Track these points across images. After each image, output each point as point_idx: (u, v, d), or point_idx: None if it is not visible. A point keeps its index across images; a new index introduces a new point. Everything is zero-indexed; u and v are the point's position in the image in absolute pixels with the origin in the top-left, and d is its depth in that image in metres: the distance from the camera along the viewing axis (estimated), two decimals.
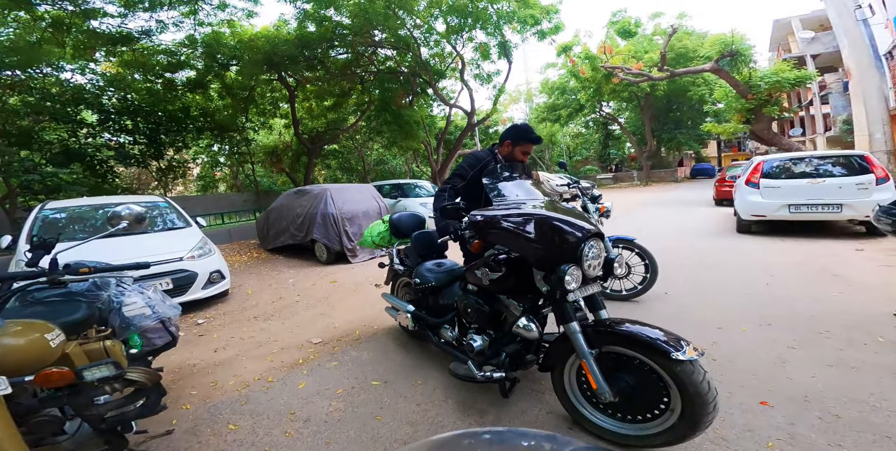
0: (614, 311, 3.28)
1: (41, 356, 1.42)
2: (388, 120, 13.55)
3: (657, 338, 1.54)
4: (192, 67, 10.40)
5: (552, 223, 1.72)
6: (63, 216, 4.93)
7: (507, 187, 2.19)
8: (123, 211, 1.89)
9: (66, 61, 8.67)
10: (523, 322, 1.81)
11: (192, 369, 2.87)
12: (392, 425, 1.99)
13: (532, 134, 2.56)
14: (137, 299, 2.32)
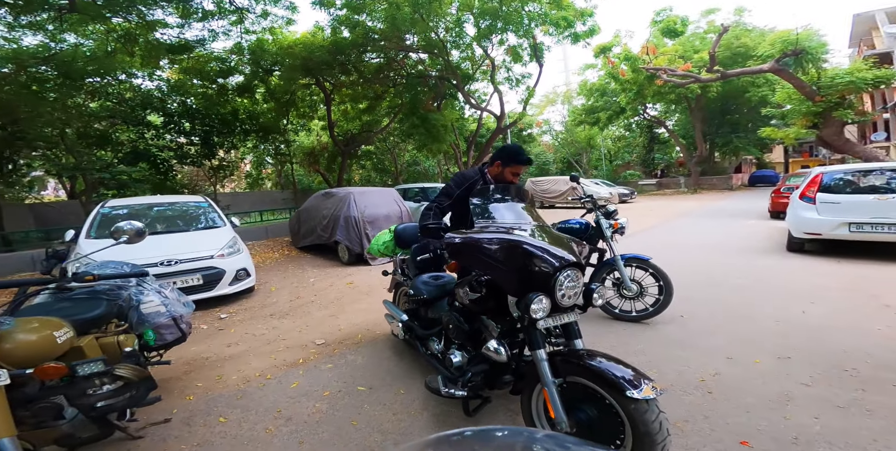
0: (620, 332, 3.22)
1: (46, 351, 1.61)
2: (417, 123, 13.82)
3: (617, 374, 1.51)
4: (241, 73, 11.29)
5: (527, 251, 1.71)
6: (119, 213, 5.48)
7: (497, 209, 2.18)
8: (125, 226, 2.08)
9: (137, 69, 9.70)
10: (493, 345, 1.81)
11: (204, 361, 3.11)
12: (365, 431, 2.06)
13: (522, 156, 2.53)
14: (154, 298, 2.56)
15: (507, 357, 1.82)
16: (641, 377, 1.49)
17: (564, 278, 1.63)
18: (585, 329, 3.19)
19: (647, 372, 2.36)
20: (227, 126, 11.97)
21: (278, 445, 1.97)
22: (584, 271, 1.78)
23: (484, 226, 2.03)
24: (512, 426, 0.69)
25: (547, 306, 1.62)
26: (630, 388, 1.42)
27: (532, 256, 1.68)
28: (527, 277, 1.68)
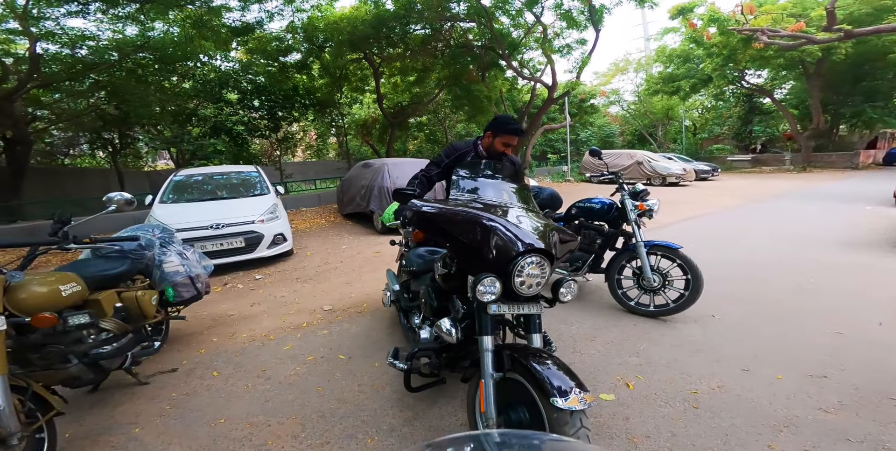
0: (628, 327, 2.88)
1: (52, 302, 1.83)
2: (460, 94, 13.21)
3: (550, 379, 1.35)
4: (298, 50, 11.66)
5: (488, 228, 1.54)
6: (187, 181, 6.15)
7: (482, 186, 2.01)
8: (115, 197, 2.23)
9: (213, 52, 10.50)
10: (445, 325, 1.70)
11: (227, 318, 3.43)
12: (326, 397, 2.12)
13: (511, 125, 2.34)
14: (175, 259, 2.82)
15: (457, 340, 1.71)
16: (577, 387, 1.32)
17: (527, 264, 1.45)
18: (590, 318, 3.00)
19: (629, 377, 2.16)
20: (289, 101, 12.67)
21: (247, 400, 2.12)
22: (554, 262, 1.56)
23: (457, 199, 1.88)
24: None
25: (496, 290, 1.47)
26: (556, 395, 1.28)
27: (493, 234, 1.52)
28: (486, 256, 1.53)
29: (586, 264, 3.31)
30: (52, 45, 9.99)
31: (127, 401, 2.15)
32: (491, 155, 2.41)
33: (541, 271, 1.49)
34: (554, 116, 23.02)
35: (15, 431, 1.49)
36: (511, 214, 1.70)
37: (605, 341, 2.64)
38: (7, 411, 1.49)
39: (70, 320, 1.85)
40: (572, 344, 2.62)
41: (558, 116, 22.56)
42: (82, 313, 1.89)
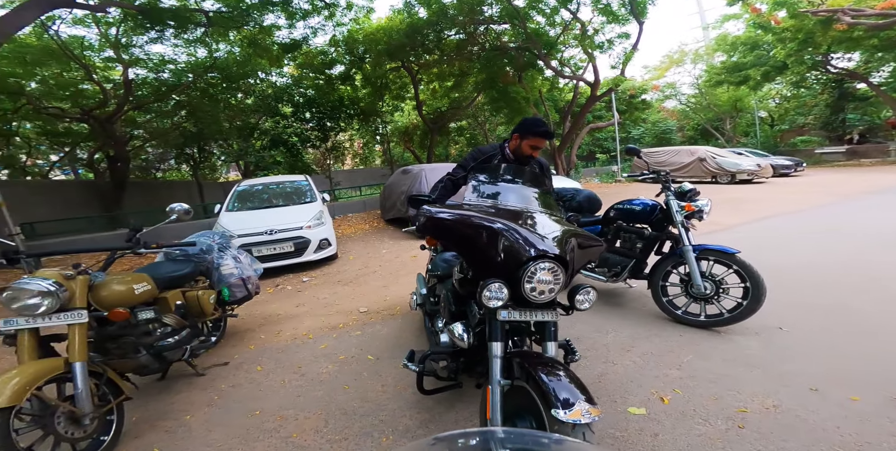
0: (672, 337, 2.69)
1: (127, 299, 2.11)
2: (496, 97, 13.01)
3: (556, 389, 1.31)
4: (341, 63, 12.33)
5: (499, 233, 1.54)
6: (248, 191, 6.74)
7: (499, 189, 2.01)
8: (176, 207, 2.51)
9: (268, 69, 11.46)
10: (458, 329, 1.72)
11: (275, 317, 3.71)
12: (351, 395, 2.22)
13: (539, 127, 2.29)
14: (230, 262, 3.12)
15: (469, 345, 1.72)
16: (583, 400, 1.28)
17: (538, 269, 1.43)
18: (629, 327, 2.86)
19: (666, 391, 2.02)
20: (336, 112, 13.44)
21: (281, 395, 2.28)
22: (570, 268, 1.53)
23: (471, 203, 1.88)
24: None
25: (503, 296, 1.46)
26: (558, 407, 1.25)
27: (503, 240, 1.51)
28: (495, 262, 1.53)
29: (626, 270, 3.12)
30: (141, 70, 11.49)
31: (185, 390, 2.42)
32: (518, 158, 2.38)
33: (554, 278, 1.46)
34: (601, 115, 21.99)
35: (89, 412, 1.74)
36: (526, 220, 1.68)
37: (642, 352, 2.48)
38: (84, 394, 1.75)
39: (139, 314, 2.13)
40: (605, 354, 2.50)
41: (605, 113, 21.50)
42: (149, 309, 2.17)
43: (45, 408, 1.66)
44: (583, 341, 2.65)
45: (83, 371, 1.78)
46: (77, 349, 1.80)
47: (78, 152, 15.20)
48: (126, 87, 10.65)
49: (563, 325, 2.94)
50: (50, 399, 1.68)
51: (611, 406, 1.95)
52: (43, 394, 1.66)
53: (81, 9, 6.83)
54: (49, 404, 1.67)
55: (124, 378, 2.20)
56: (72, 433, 1.69)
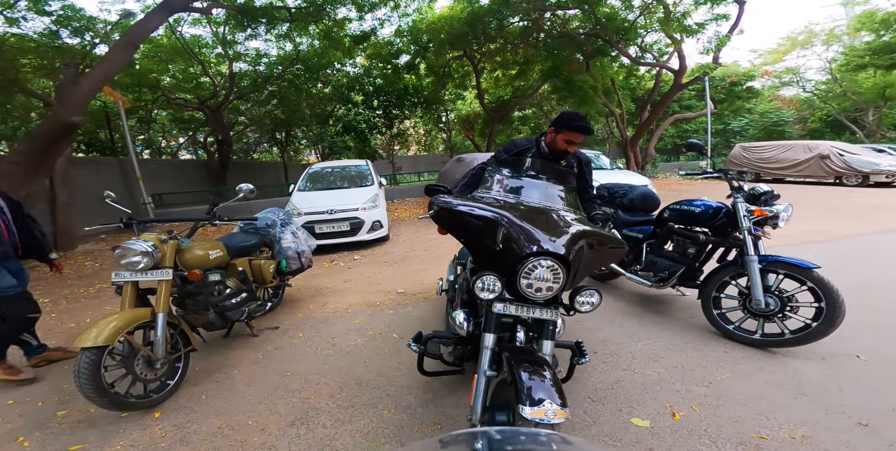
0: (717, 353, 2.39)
1: (202, 263, 2.45)
2: (559, 86, 12.00)
3: (529, 386, 1.29)
4: (406, 53, 12.42)
5: (501, 226, 1.54)
6: (319, 173, 7.30)
7: (518, 183, 1.99)
8: (244, 187, 2.80)
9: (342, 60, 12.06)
10: (459, 317, 1.75)
11: (325, 290, 4.06)
12: (369, 368, 2.39)
13: (575, 122, 2.13)
14: (289, 237, 3.47)
15: (468, 333, 1.75)
16: (553, 400, 1.23)
17: (536, 266, 1.40)
18: (666, 337, 2.65)
19: (681, 407, 1.89)
20: (401, 100, 13.70)
21: (312, 361, 2.53)
22: (573, 270, 1.48)
23: (483, 196, 1.86)
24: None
25: (496, 289, 1.46)
26: (526, 403, 1.23)
27: (505, 233, 1.50)
28: (495, 255, 1.54)
29: (675, 276, 2.83)
30: (243, 64, 12.82)
31: (240, 348, 2.79)
32: (553, 152, 2.27)
33: (553, 277, 1.42)
34: (689, 104, 19.41)
35: (161, 357, 2.10)
36: (538, 216, 1.63)
37: (671, 364, 2.28)
38: (161, 341, 2.09)
39: (210, 276, 2.48)
40: (627, 361, 2.33)
41: (696, 103, 18.93)
42: (216, 273, 2.52)
43: (131, 351, 2.05)
44: (608, 346, 2.51)
45: (163, 322, 2.11)
46: (162, 302, 2.15)
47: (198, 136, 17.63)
48: (231, 79, 11.99)
49: (593, 326, 2.81)
50: (136, 343, 2.05)
51: (613, 415, 1.85)
52: (132, 338, 2.04)
53: (194, 12, 7.73)
54: (134, 347, 2.06)
55: (196, 332, 2.62)
56: (146, 374, 2.05)
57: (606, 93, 14.03)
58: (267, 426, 1.87)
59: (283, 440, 1.77)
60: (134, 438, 1.80)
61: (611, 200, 3.56)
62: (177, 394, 2.18)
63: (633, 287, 3.60)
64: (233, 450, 1.71)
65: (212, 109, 12.45)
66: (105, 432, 1.85)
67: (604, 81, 12.43)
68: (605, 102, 13.43)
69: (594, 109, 13.37)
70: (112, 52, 5.84)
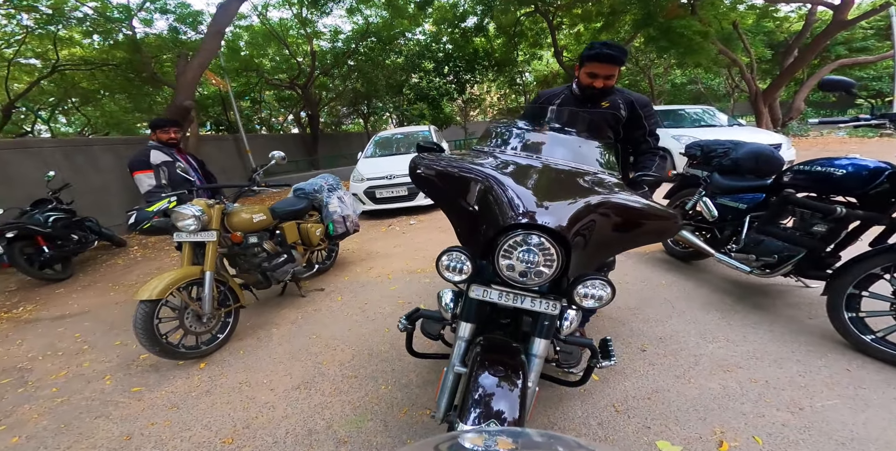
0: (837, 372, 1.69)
1: (246, 225, 2.51)
2: (654, 36, 9.42)
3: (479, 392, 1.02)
4: (473, 14, 11.07)
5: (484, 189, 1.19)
6: (383, 140, 7.25)
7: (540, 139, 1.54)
8: (276, 154, 2.76)
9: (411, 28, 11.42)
10: (446, 298, 1.38)
11: (374, 254, 4.06)
12: (385, 339, 2.26)
13: (595, 49, 1.62)
14: (335, 202, 3.45)
15: (452, 316, 1.48)
16: (504, 420, 0.95)
17: (520, 241, 1.04)
18: (757, 341, 1.97)
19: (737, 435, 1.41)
20: (470, 65, 12.63)
21: (340, 326, 2.50)
22: (576, 249, 1.08)
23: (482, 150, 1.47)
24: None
25: (465, 269, 1.14)
26: (467, 416, 0.97)
27: (488, 199, 1.15)
28: (472, 225, 1.22)
29: (792, 262, 2.00)
30: (323, 43, 13.07)
31: (287, 307, 2.89)
32: (584, 93, 1.77)
33: (545, 258, 1.04)
34: (865, 46, 14.34)
35: (208, 312, 2.22)
36: (542, 178, 1.22)
37: (749, 377, 1.68)
38: (208, 297, 2.19)
39: (248, 239, 2.54)
40: (686, 367, 1.78)
41: (874, 45, 13.89)
42: (254, 235, 2.57)
43: (182, 305, 2.21)
44: (666, 344, 1.96)
45: (210, 279, 2.21)
46: (208, 261, 2.23)
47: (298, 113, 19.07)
48: (312, 56, 12.35)
49: (653, 316, 2.24)
50: (186, 299, 2.18)
51: (636, 432, 1.43)
52: (183, 294, 2.17)
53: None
54: (185, 302, 2.21)
55: (250, 291, 2.79)
56: (195, 327, 2.21)
57: (726, 39, 11.00)
58: (277, 386, 1.88)
59: (284, 401, 1.76)
60: (177, 385, 1.96)
61: (705, 160, 2.73)
62: (225, 347, 2.34)
63: (727, 272, 2.79)
64: (242, 405, 1.76)
65: (300, 86, 13.11)
66: (162, 377, 2.06)
67: (719, 24, 9.61)
68: (723, 50, 10.51)
69: (704, 58, 10.54)
70: (205, 41, 6.26)
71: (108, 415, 1.75)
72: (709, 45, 9.86)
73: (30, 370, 2.25)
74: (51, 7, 7.95)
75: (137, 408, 1.78)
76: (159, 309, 2.04)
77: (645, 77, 17.12)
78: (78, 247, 4.61)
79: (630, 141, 1.88)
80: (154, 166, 2.69)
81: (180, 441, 1.55)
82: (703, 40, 9.44)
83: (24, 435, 1.66)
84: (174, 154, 2.85)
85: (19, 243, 3.97)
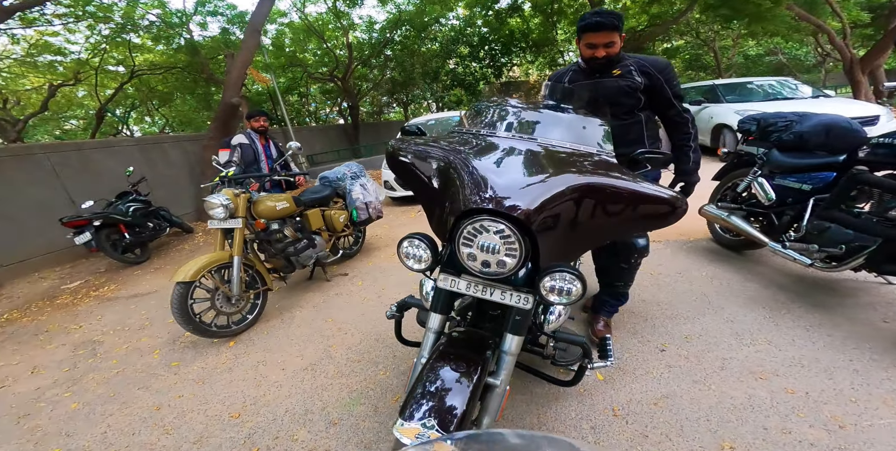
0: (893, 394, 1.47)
1: (270, 213, 2.59)
2: (713, 4, 7.91)
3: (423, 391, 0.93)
4: None
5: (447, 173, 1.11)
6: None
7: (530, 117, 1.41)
8: (293, 145, 2.81)
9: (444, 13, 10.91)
10: (427, 287, 1.33)
11: None
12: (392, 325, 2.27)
13: (586, 19, 1.47)
14: (357, 189, 3.47)
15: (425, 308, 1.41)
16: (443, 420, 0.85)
17: (479, 228, 0.95)
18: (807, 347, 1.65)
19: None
20: (507, 47, 11.86)
21: (354, 310, 2.53)
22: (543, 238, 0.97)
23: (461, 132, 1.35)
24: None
25: (425, 257, 1.09)
26: (404, 412, 0.90)
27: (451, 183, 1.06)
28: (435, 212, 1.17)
29: (864, 254, 1.67)
30: (360, 34, 13.01)
31: (313, 291, 2.98)
32: (590, 65, 1.61)
33: (506, 248, 0.94)
34: None
35: (236, 294, 2.33)
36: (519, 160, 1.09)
37: (784, 386, 1.44)
38: (235, 280, 2.30)
39: (271, 225, 2.64)
40: (709, 370, 1.55)
41: None
42: (276, 222, 2.65)
43: (213, 287, 2.33)
44: (693, 345, 1.72)
45: (238, 263, 2.32)
46: (236, 246, 2.34)
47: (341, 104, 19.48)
48: (348, 48, 12.37)
49: (682, 313, 1.99)
50: (217, 281, 2.30)
51: (631, 440, 1.28)
52: (214, 277, 2.29)
53: None
54: (216, 285, 2.32)
55: (279, 275, 2.90)
56: (225, 308, 2.35)
57: (810, 2, 9.20)
58: (288, 366, 1.95)
59: (292, 380, 1.82)
60: (208, 361, 2.11)
61: (762, 135, 2.33)
62: (254, 328, 2.46)
63: (788, 265, 2.39)
64: (255, 382, 1.85)
65: (339, 78, 13.28)
66: (198, 353, 2.23)
67: None
68: (803, 15, 8.76)
69: (778, 26, 8.94)
70: (245, 39, 6.47)
71: (148, 386, 1.93)
72: (781, 10, 8.27)
73: (101, 343, 2.55)
74: (122, 17, 8.68)
75: (171, 381, 1.95)
76: (193, 290, 2.18)
77: (709, 50, 15.06)
78: (153, 233, 5.14)
79: (655, 108, 1.68)
80: (232, 146, 3.24)
81: (197, 414, 1.67)
82: (773, 5, 7.91)
83: (81, 402, 1.89)
84: (254, 139, 3.42)
85: (105, 231, 4.49)
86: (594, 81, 1.61)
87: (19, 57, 9.91)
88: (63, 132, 16.69)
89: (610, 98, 1.55)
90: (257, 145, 3.43)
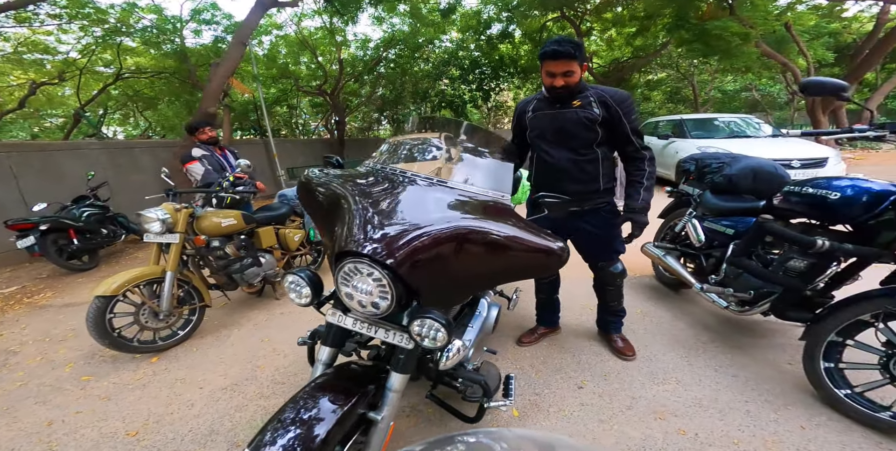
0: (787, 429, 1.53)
1: (213, 229, 2.53)
2: (688, 38, 8.67)
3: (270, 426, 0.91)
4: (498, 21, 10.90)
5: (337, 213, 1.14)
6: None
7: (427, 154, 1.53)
8: (242, 162, 2.81)
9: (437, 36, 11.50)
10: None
11: None
12: None
13: (545, 47, 1.51)
14: None
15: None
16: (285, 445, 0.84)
17: (353, 270, 0.98)
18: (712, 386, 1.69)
19: None
20: (496, 72, 12.48)
21: (291, 330, 2.47)
22: (414, 281, 1.00)
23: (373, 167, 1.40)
24: None
25: (305, 293, 1.13)
26: (247, 448, 0.88)
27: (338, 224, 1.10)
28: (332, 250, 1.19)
29: (765, 301, 1.75)
30: (357, 51, 13.49)
31: (258, 309, 2.90)
32: (551, 94, 1.64)
33: (379, 290, 0.97)
34: None
35: (166, 310, 2.26)
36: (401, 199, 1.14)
37: (677, 429, 1.49)
38: (166, 296, 2.23)
39: (212, 243, 2.59)
40: (617, 411, 1.59)
41: None
42: (217, 239, 2.59)
43: (140, 302, 2.23)
44: (610, 382, 1.75)
45: (171, 279, 2.26)
46: (170, 262, 2.29)
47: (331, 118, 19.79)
48: (339, 64, 12.78)
49: (596, 352, 2.02)
50: (144, 297, 2.23)
51: None
52: (142, 292, 2.22)
53: (283, 6, 8.14)
54: (142, 300, 2.22)
55: (221, 291, 2.81)
56: (151, 324, 2.25)
57: (779, 41, 10.02)
58: (207, 385, 1.89)
59: (207, 400, 1.77)
60: (122, 376, 2.03)
61: (699, 176, 2.41)
62: (185, 344, 2.39)
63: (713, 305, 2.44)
64: (166, 401, 1.78)
65: (329, 93, 13.59)
66: (114, 368, 2.14)
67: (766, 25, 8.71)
68: (769, 53, 9.49)
69: (746, 62, 9.57)
70: (229, 51, 6.64)
71: (48, 401, 1.84)
72: (751, 47, 8.99)
73: (16, 354, 2.43)
74: (118, 20, 8.83)
75: (75, 396, 1.86)
76: (114, 305, 2.10)
77: (688, 84, 16.09)
78: (106, 240, 4.99)
79: (613, 142, 1.70)
80: (197, 158, 3.28)
81: (90, 430, 1.59)
82: (742, 42, 8.61)
83: None
84: (211, 150, 3.43)
85: (52, 235, 4.35)
86: (555, 111, 1.64)
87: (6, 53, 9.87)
88: (41, 130, 16.39)
89: (569, 130, 1.61)
90: (216, 156, 3.46)
